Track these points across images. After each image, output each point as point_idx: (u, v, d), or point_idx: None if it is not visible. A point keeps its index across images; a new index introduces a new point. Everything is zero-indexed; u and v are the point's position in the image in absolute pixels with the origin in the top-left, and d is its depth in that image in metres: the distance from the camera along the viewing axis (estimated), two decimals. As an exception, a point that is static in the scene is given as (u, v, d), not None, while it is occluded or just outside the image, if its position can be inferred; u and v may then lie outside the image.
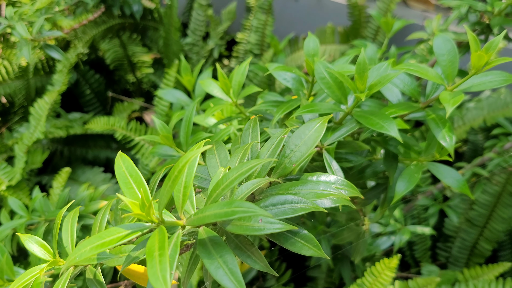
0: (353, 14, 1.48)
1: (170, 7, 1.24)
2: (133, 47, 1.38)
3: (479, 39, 1.03)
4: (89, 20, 1.14)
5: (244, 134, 0.52)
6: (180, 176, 0.36)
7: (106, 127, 1.11)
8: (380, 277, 0.94)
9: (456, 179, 0.70)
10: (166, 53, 1.33)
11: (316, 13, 1.63)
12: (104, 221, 0.54)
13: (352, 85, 0.60)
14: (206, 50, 1.50)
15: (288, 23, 1.67)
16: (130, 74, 1.46)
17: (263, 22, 1.46)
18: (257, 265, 0.43)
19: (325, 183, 0.53)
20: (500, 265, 1.15)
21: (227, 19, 1.50)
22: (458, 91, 0.63)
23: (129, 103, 1.35)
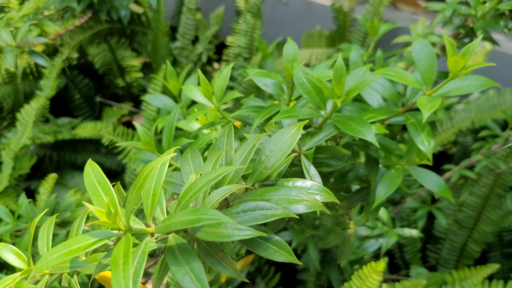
0: (337, 18, 1.49)
1: (157, 11, 1.24)
2: (122, 52, 1.38)
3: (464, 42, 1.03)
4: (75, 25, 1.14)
5: (219, 140, 0.53)
6: (145, 183, 0.37)
7: (93, 132, 1.11)
8: (367, 281, 0.94)
9: (437, 183, 0.70)
10: (154, 57, 1.33)
11: (306, 17, 1.63)
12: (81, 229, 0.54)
13: (330, 91, 0.60)
14: (195, 54, 1.50)
15: (277, 27, 1.67)
16: (120, 78, 1.46)
17: (252, 26, 1.46)
18: (227, 271, 0.43)
19: (299, 188, 0.53)
20: (488, 266, 1.15)
21: (215, 23, 1.51)
22: (436, 95, 0.63)
23: (118, 108, 1.36)
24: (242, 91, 1.41)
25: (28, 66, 1.36)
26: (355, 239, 1.06)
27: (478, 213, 1.34)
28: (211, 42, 1.52)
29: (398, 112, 0.68)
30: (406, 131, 1.48)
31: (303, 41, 1.51)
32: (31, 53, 0.87)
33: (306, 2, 1.62)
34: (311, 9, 1.62)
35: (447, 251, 1.39)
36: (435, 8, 0.98)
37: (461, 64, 0.60)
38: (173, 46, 1.51)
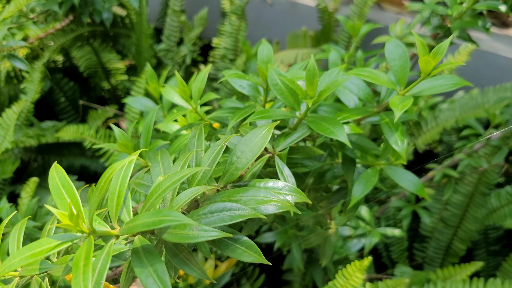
0: (322, 19, 1.49)
1: (140, 14, 1.24)
2: (106, 54, 1.38)
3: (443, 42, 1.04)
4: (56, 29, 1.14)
5: (190, 142, 0.53)
6: (106, 185, 0.37)
7: (75, 135, 1.11)
8: (351, 279, 0.95)
9: (413, 182, 0.70)
10: (138, 60, 1.33)
11: (291, 17, 1.64)
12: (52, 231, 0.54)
13: (303, 92, 0.61)
14: (180, 56, 1.50)
15: (263, 28, 1.68)
16: (105, 81, 1.46)
17: (236, 27, 1.47)
18: (194, 272, 0.43)
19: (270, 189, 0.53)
20: (472, 264, 1.16)
21: (199, 25, 1.51)
22: (408, 95, 0.64)
23: (103, 111, 1.35)
24: (227, 93, 1.41)
25: (13, 70, 1.35)
26: (338, 239, 1.07)
27: (463, 211, 1.35)
28: (195, 44, 1.52)
29: (372, 112, 0.69)
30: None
31: (288, 41, 1.52)
32: (10, 57, 0.87)
33: (291, 3, 1.62)
34: (296, 10, 1.63)
35: (433, 250, 1.40)
36: (414, 8, 0.99)
37: (432, 64, 0.61)
38: (158, 48, 1.51)
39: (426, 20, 0.98)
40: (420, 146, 1.50)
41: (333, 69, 0.65)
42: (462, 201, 1.34)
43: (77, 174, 1.32)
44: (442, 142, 1.57)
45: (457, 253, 1.37)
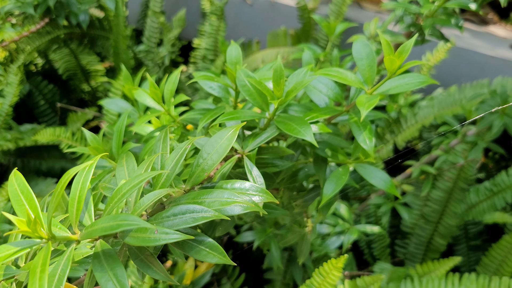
0: (302, 17, 1.50)
1: (116, 15, 1.24)
2: (85, 56, 1.38)
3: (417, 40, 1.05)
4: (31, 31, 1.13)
5: (155, 144, 0.53)
6: (62, 191, 0.37)
7: (52, 138, 1.11)
8: (328, 277, 0.95)
9: (383, 180, 0.71)
10: (116, 61, 1.33)
11: (271, 17, 1.65)
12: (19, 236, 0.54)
13: (270, 92, 0.61)
14: (160, 57, 1.50)
15: (243, 28, 1.68)
16: (85, 83, 1.46)
17: (216, 28, 1.47)
18: (157, 275, 0.44)
19: (237, 189, 0.54)
20: (450, 259, 1.18)
21: (177, 26, 1.51)
22: (375, 94, 0.64)
23: (82, 113, 1.35)
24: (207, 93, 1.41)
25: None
26: (317, 236, 1.07)
27: (443, 207, 1.36)
28: (174, 45, 1.52)
29: (342, 111, 0.70)
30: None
31: (269, 41, 1.52)
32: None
33: (271, 3, 1.63)
34: (276, 10, 1.64)
35: (414, 246, 1.42)
36: (388, 7, 1.00)
37: (397, 63, 0.62)
38: (137, 49, 1.51)
39: (399, 19, 0.99)
40: (400, 143, 1.51)
41: (301, 69, 0.66)
42: (442, 197, 1.35)
43: (57, 177, 1.32)
44: (422, 139, 1.59)
45: (438, 249, 1.39)
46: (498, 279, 0.95)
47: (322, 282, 0.95)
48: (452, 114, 1.40)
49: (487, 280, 0.96)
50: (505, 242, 1.31)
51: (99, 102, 0.97)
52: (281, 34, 1.50)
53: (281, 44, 1.50)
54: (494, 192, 1.34)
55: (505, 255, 1.31)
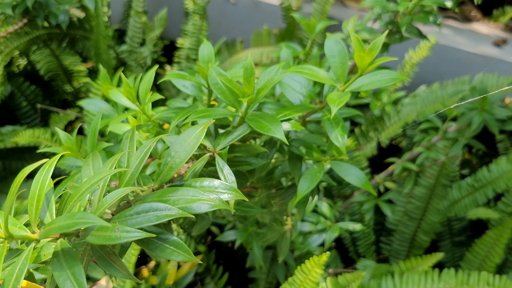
0: (287, 17, 1.50)
1: (96, 15, 1.23)
2: (66, 57, 1.37)
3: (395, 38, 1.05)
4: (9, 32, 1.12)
5: (123, 143, 0.53)
6: (16, 190, 0.37)
7: (31, 140, 1.10)
8: (310, 275, 0.95)
9: (358, 177, 0.72)
10: (98, 62, 1.32)
11: (254, 16, 1.65)
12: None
13: (241, 90, 0.61)
14: (142, 57, 1.50)
15: (227, 27, 1.68)
16: (67, 84, 1.45)
17: (198, 27, 1.47)
18: (119, 274, 0.44)
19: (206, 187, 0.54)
20: (433, 255, 1.18)
21: (159, 26, 1.51)
22: (347, 91, 0.64)
23: (64, 114, 1.34)
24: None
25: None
26: (298, 235, 1.07)
27: (426, 204, 1.37)
28: (156, 45, 1.51)
29: (315, 108, 0.70)
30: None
31: (253, 40, 1.52)
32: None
33: (254, 2, 1.63)
34: (259, 9, 1.64)
35: (398, 243, 1.42)
36: (366, 5, 1.00)
37: (367, 60, 0.62)
38: (119, 49, 1.51)
39: (377, 17, 0.99)
40: (383, 140, 1.51)
41: (273, 67, 0.66)
42: (424, 194, 1.36)
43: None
44: (406, 136, 1.60)
45: (422, 245, 1.39)
46: (477, 274, 0.96)
47: (304, 280, 0.95)
48: (434, 111, 1.41)
49: (466, 275, 0.97)
50: (488, 238, 1.32)
51: (78, 102, 0.97)
52: (264, 33, 1.50)
53: (265, 44, 1.50)
54: (475, 188, 1.35)
55: (488, 251, 1.32)
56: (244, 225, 1.07)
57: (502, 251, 1.30)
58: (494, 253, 1.30)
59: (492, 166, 1.35)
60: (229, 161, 0.68)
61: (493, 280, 0.95)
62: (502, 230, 1.29)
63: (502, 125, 1.09)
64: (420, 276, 0.98)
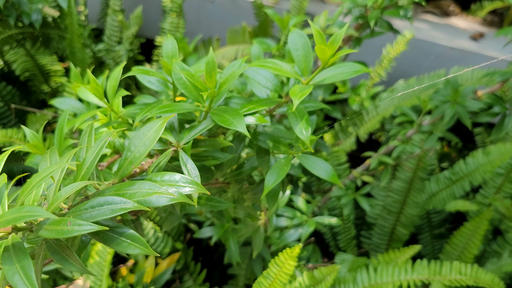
0: (259, 14, 1.51)
1: (70, 14, 1.23)
2: (42, 57, 1.36)
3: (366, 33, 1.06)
4: (-21, 32, 1.12)
5: (82, 138, 0.53)
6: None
7: (4, 140, 1.09)
8: (284, 267, 0.96)
9: (326, 170, 0.72)
10: (73, 61, 1.32)
11: (232, 14, 1.65)
12: None
13: (202, 84, 0.61)
14: (119, 55, 1.49)
15: (205, 25, 1.68)
16: (44, 84, 1.44)
17: (175, 25, 1.47)
18: (74, 268, 0.44)
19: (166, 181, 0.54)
20: (410, 248, 1.19)
21: (134, 24, 1.50)
22: (310, 84, 0.65)
23: (41, 114, 1.33)
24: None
25: None
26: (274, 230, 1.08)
27: (404, 197, 1.38)
28: (132, 43, 1.51)
29: (281, 102, 0.70)
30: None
31: (229, 37, 1.53)
32: None
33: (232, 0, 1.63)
34: (237, 6, 1.64)
35: (377, 236, 1.43)
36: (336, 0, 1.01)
37: (329, 53, 0.62)
38: (97, 48, 1.50)
39: (348, 11, 1.00)
40: (362, 135, 1.53)
41: (236, 61, 0.66)
42: (402, 187, 1.37)
43: (17, 180, 1.29)
44: (384, 130, 1.61)
45: (401, 238, 1.41)
46: (449, 264, 0.97)
47: (278, 273, 0.96)
48: (411, 105, 1.42)
49: (438, 265, 0.98)
50: (466, 229, 1.33)
51: (50, 101, 0.96)
52: (240, 30, 1.50)
53: (241, 41, 1.50)
54: (453, 180, 1.37)
55: (467, 242, 1.33)
56: (220, 221, 1.07)
57: (480, 242, 1.31)
58: (472, 244, 1.32)
59: (469, 159, 1.37)
60: (195, 156, 0.68)
61: (465, 269, 0.96)
62: (479, 221, 1.31)
63: (475, 117, 1.10)
64: (394, 268, 0.99)
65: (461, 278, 0.94)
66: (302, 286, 1.03)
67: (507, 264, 1.20)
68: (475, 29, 1.85)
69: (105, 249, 1.03)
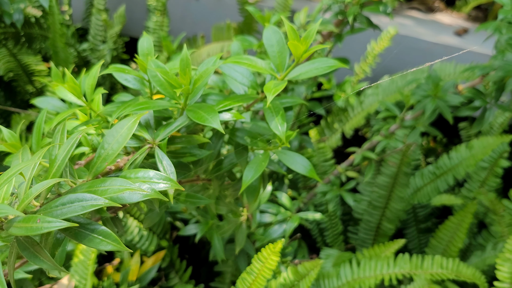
0: (243, 10, 1.51)
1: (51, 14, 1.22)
2: (26, 57, 1.36)
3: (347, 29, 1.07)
4: (-40, 32, 1.11)
5: (54, 136, 0.53)
6: None
7: (-16, 140, 1.09)
8: (267, 263, 0.97)
9: (304, 165, 0.72)
10: (56, 60, 1.32)
11: (217, 11, 1.65)
12: None
13: (177, 81, 0.62)
14: (103, 55, 1.49)
15: (190, 23, 1.68)
16: (29, 84, 1.44)
17: (159, 24, 1.47)
18: (44, 264, 0.44)
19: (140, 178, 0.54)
20: (395, 242, 1.20)
21: (118, 23, 1.50)
22: (284, 80, 0.65)
23: (26, 114, 1.33)
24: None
25: None
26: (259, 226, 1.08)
27: (389, 192, 1.39)
28: (116, 42, 1.51)
29: (257, 98, 0.71)
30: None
31: (213, 35, 1.53)
32: None
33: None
34: (222, 4, 1.64)
35: (364, 231, 1.44)
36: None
37: (302, 48, 0.63)
38: (81, 48, 1.50)
39: (328, 7, 1.01)
40: (347, 131, 1.53)
41: (210, 58, 0.67)
42: (387, 182, 1.38)
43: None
44: (370, 126, 1.62)
45: (387, 233, 1.42)
46: (430, 258, 0.98)
47: (261, 268, 0.97)
48: (395, 100, 1.43)
49: (420, 259, 0.99)
50: (451, 223, 1.34)
51: (31, 101, 0.96)
52: (224, 27, 1.50)
53: (226, 38, 1.51)
54: (437, 175, 1.38)
55: (452, 236, 1.34)
56: (205, 218, 1.07)
57: (465, 235, 1.32)
58: (457, 237, 1.33)
59: (452, 154, 1.38)
60: (173, 153, 0.69)
61: (447, 263, 0.97)
62: (463, 215, 1.32)
63: (456, 112, 1.11)
64: (377, 262, 1.00)
65: (443, 272, 0.95)
66: (287, 282, 1.04)
67: (490, 257, 1.21)
68: (459, 24, 1.86)
69: (89, 248, 1.03)
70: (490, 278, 1.27)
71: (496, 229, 1.32)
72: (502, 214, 1.30)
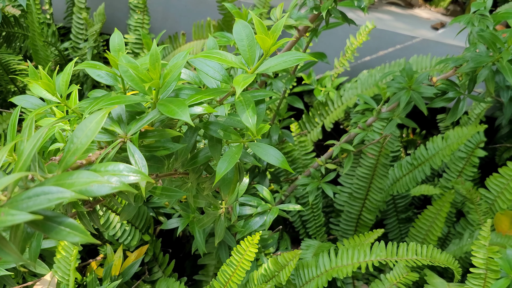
0: (222, 8, 1.52)
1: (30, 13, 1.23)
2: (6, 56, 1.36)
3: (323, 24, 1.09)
4: None
5: (23, 131, 0.54)
6: None
7: (-35, 139, 1.10)
8: (245, 255, 0.99)
9: (276, 157, 0.74)
10: (36, 59, 1.32)
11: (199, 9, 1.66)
12: None
13: (147, 76, 0.63)
14: (84, 53, 1.50)
15: (172, 20, 1.69)
16: (11, 84, 1.44)
17: (140, 21, 1.48)
18: (10, 257, 0.45)
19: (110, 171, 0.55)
20: (374, 232, 1.23)
21: (98, 21, 1.51)
22: (254, 73, 0.67)
23: (7, 113, 1.34)
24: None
25: None
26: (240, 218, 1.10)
27: (369, 183, 1.41)
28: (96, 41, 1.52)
29: (228, 91, 0.72)
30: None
31: (194, 32, 1.54)
32: None
33: (197, -6, 1.64)
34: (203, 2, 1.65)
35: (345, 222, 1.47)
36: (292, -9, 1.03)
37: (270, 42, 0.64)
38: (61, 46, 1.50)
39: (302, 2, 1.02)
40: (328, 125, 1.56)
41: (180, 53, 0.68)
42: (366, 174, 1.41)
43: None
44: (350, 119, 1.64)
45: (367, 224, 1.44)
46: (405, 245, 1.00)
47: (240, 260, 0.99)
48: (374, 93, 1.45)
49: (395, 247, 1.01)
50: (429, 212, 1.37)
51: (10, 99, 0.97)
52: (205, 25, 1.51)
53: (206, 36, 1.52)
54: (415, 165, 1.41)
55: (430, 225, 1.37)
56: (186, 212, 1.09)
57: (443, 224, 1.35)
58: (436, 226, 1.36)
59: (429, 144, 1.41)
60: (146, 147, 0.70)
61: (421, 249, 1.00)
62: (441, 204, 1.35)
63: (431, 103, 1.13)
64: (354, 251, 1.02)
65: (417, 258, 0.98)
66: (268, 272, 1.06)
67: (467, 245, 1.24)
68: (438, 19, 1.89)
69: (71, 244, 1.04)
70: (468, 265, 1.30)
71: (473, 217, 1.34)
72: (479, 203, 1.33)
